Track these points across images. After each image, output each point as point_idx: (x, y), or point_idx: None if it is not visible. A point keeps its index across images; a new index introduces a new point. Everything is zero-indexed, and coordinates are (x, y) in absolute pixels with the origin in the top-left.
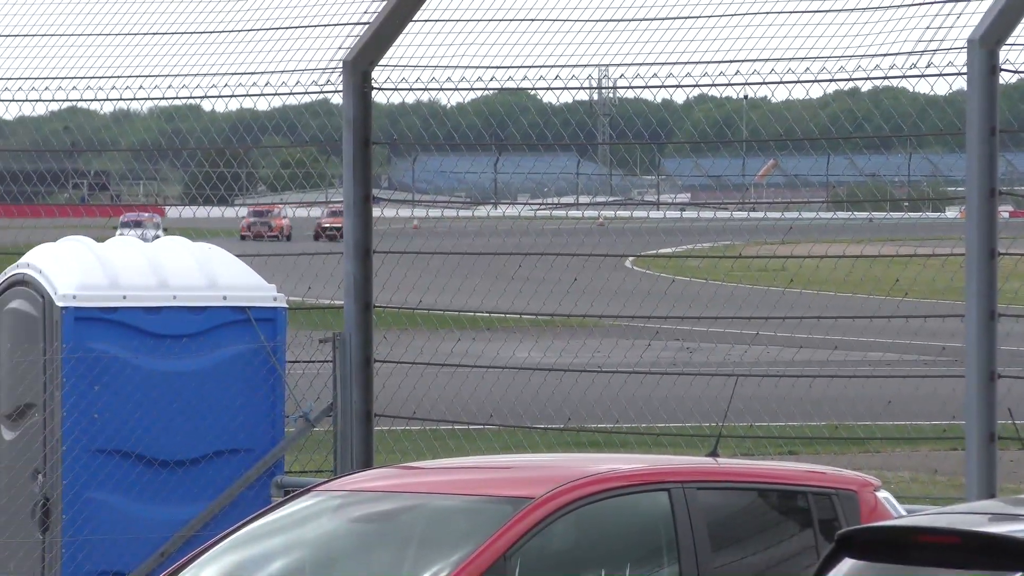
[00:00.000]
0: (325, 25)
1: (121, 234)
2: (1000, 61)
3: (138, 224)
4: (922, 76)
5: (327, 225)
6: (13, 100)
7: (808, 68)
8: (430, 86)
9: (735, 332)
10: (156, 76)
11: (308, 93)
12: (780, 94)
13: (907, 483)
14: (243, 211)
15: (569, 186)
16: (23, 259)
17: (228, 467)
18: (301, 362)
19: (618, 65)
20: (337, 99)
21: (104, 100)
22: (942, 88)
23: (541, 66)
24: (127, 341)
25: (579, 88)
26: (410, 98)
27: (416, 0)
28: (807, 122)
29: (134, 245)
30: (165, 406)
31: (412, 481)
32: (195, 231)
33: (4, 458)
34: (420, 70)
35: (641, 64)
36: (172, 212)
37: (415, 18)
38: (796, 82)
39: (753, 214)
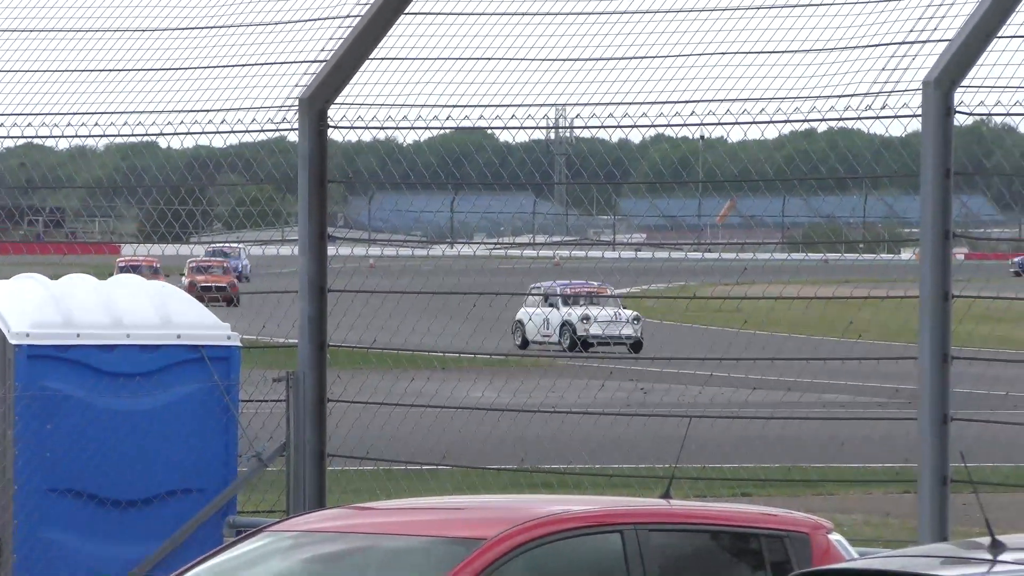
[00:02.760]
0: (282, 63)
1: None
2: (955, 103)
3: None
4: (877, 117)
5: (205, 284)
6: None
7: (763, 109)
8: (386, 124)
9: (689, 373)
10: (113, 113)
11: (264, 131)
12: (736, 135)
13: (860, 526)
14: (198, 249)
15: (525, 225)
16: None
17: (181, 507)
18: (255, 401)
19: (574, 105)
20: (293, 137)
21: (60, 136)
22: (897, 130)
23: (498, 105)
24: (81, 379)
25: (535, 127)
26: (367, 136)
27: (373, 38)
28: (763, 163)
29: (88, 283)
30: (118, 445)
31: (364, 521)
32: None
33: None
34: (377, 108)
35: (597, 104)
36: (127, 249)
37: (372, 56)
38: (751, 123)
39: (708, 255)
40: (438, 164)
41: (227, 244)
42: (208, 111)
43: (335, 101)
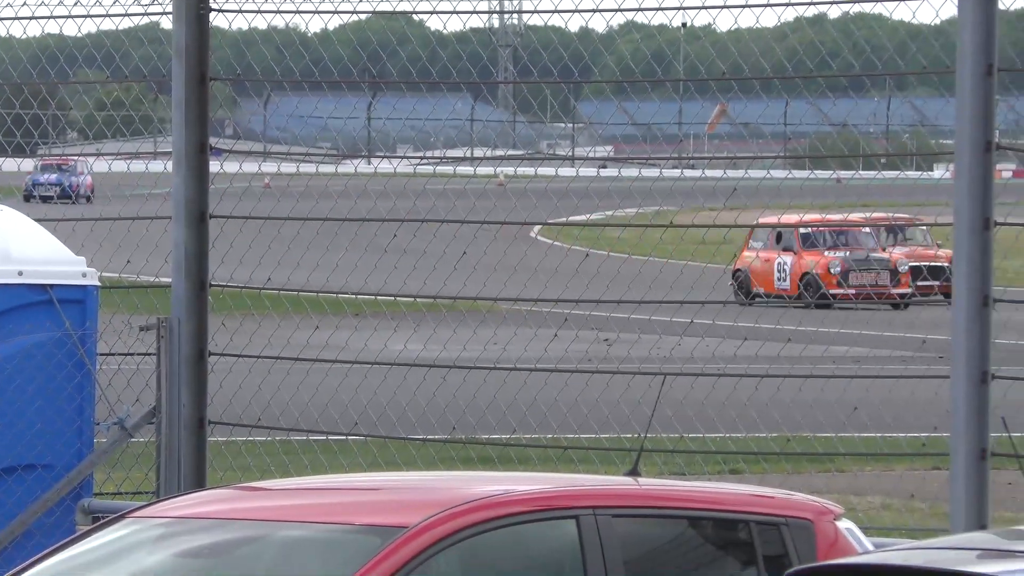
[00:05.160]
0: None
1: None
2: None
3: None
4: (903, 0)
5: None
6: None
7: None
8: (285, 7)
9: (664, 320)
10: None
11: (130, 15)
12: (725, 22)
13: (877, 510)
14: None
15: (461, 136)
16: None
17: (21, 487)
18: (117, 355)
19: None
20: (167, 23)
21: None
22: (927, 15)
23: None
24: None
25: (473, 11)
26: (260, 23)
27: None
28: (759, 58)
29: None
30: None
31: (254, 506)
32: None
33: None
34: None
35: None
36: None
37: None
38: (744, 6)
39: (690, 172)
40: (351, 58)
41: (64, 157)
42: None
43: None
